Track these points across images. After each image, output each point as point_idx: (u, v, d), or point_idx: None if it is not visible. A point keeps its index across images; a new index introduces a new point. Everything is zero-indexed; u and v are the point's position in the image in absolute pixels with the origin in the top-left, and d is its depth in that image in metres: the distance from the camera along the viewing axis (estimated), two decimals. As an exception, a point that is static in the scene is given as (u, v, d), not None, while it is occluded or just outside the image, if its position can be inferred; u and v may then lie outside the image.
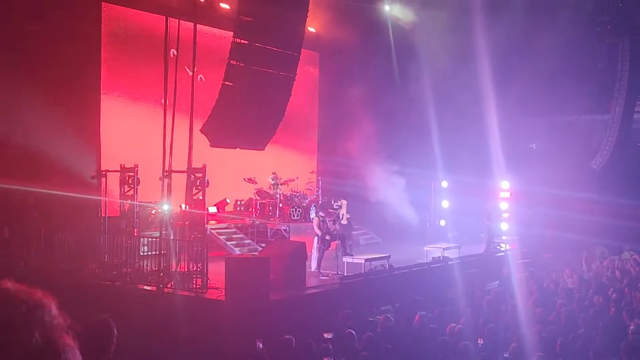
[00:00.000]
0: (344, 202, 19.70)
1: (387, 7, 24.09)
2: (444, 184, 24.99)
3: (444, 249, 19.63)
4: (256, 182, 21.49)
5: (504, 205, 23.74)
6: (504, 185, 23.87)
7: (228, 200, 21.38)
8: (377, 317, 12.77)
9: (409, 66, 23.92)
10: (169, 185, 14.96)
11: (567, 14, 22.69)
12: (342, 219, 19.10)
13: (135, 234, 16.08)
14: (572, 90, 24.66)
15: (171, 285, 14.15)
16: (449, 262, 18.25)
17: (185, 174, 14.83)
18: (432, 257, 19.14)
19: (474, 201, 23.02)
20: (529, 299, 13.65)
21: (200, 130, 14.46)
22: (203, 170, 14.90)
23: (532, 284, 15.62)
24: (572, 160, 23.83)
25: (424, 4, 23.27)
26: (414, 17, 24.19)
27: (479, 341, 10.36)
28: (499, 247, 21.50)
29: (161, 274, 14.42)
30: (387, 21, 24.48)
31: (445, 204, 25.06)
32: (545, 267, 19.04)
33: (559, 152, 24.03)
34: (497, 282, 17.37)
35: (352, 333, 10.65)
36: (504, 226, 23.22)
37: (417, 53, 24.03)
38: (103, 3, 19.40)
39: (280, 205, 21.37)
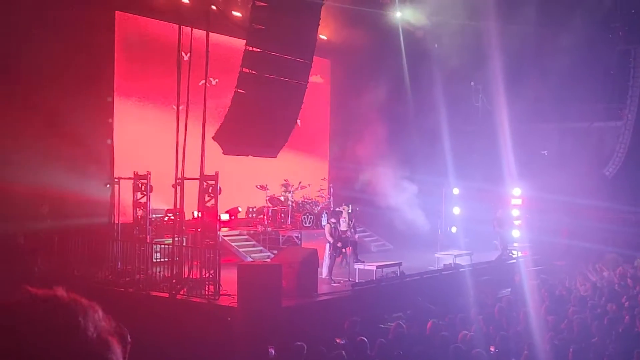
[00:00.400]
0: (345, 208, 19.58)
1: (398, 13, 24.14)
2: (456, 190, 24.97)
3: (456, 256, 19.61)
4: (268, 189, 21.56)
5: (515, 212, 23.70)
6: (516, 192, 23.83)
7: (240, 209, 21.46)
8: (389, 324, 12.78)
9: (421, 72, 23.96)
10: (182, 192, 15.03)
11: (579, 21, 22.66)
12: (341, 225, 19.03)
13: (148, 241, 16.17)
14: (584, 97, 24.61)
15: (184, 292, 14.21)
16: (461, 270, 18.22)
17: (198, 181, 14.91)
18: (444, 264, 19.12)
19: (485, 208, 22.99)
20: (541, 306, 13.62)
21: (212, 137, 14.54)
22: (215, 177, 14.97)
23: (544, 291, 15.58)
24: (584, 167, 23.76)
25: (436, 10, 23.28)
26: (425, 22, 24.20)
27: (491, 349, 10.35)
28: (510, 254, 21.45)
29: (174, 281, 14.49)
30: (398, 27, 24.52)
31: (456, 210, 25.03)
32: (557, 274, 18.98)
33: (570, 159, 23.97)
34: (509, 289, 17.34)
35: (364, 340, 10.67)
36: (516, 233, 23.17)
37: (428, 59, 24.07)
38: (116, 12, 19.56)
39: (293, 212, 21.43)
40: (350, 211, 19.61)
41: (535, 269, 18.98)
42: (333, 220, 17.90)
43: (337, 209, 20.52)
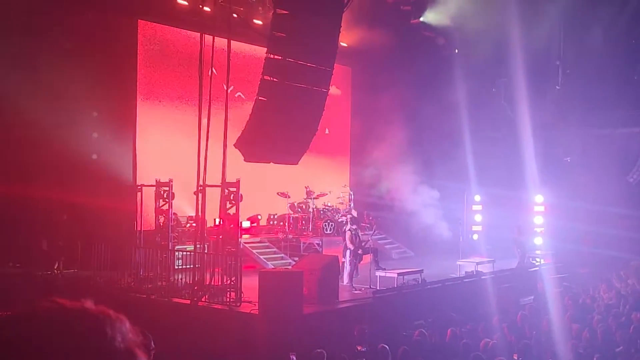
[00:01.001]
0: (349, 215, 19.38)
1: (419, 19, 24.10)
2: (477, 197, 24.83)
3: (477, 264, 19.48)
4: (289, 196, 21.61)
5: (538, 220, 23.50)
6: (538, 199, 23.63)
7: (260, 217, 21.53)
8: (410, 331, 12.73)
9: (442, 78, 23.88)
10: (203, 199, 15.11)
11: (603, 26, 22.47)
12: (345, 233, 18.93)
13: (170, 248, 16.27)
14: (608, 103, 24.35)
15: (205, 298, 14.27)
16: (483, 277, 18.10)
17: (220, 188, 14.99)
18: (465, 272, 19.01)
19: (507, 215, 22.83)
20: (564, 314, 13.49)
21: (234, 145, 14.61)
22: (237, 184, 15.04)
23: (567, 299, 15.43)
24: (607, 174, 23.49)
25: (458, 16, 23.21)
26: (448, 28, 24.12)
27: (514, 357, 10.27)
28: (533, 262, 21.27)
29: (195, 288, 14.56)
30: (419, 33, 24.48)
31: (478, 217, 24.89)
32: (580, 282, 18.78)
33: (594, 166, 23.72)
34: (532, 297, 17.19)
35: (385, 347, 10.64)
36: (538, 240, 22.96)
37: (450, 65, 24.00)
38: (139, 21, 19.76)
39: (314, 219, 21.45)
40: (355, 216, 19.32)
41: (558, 277, 18.80)
42: (354, 226, 17.87)
43: (340, 219, 20.49)
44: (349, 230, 17.59)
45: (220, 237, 15.40)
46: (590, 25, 22.84)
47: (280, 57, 14.47)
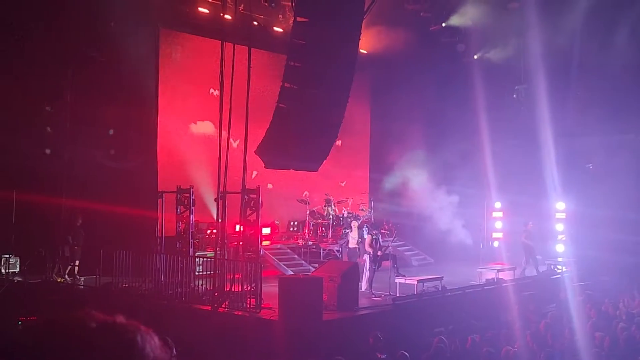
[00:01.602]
0: (355, 223, 19.33)
1: (440, 26, 24.04)
2: (498, 204, 24.68)
3: (498, 271, 19.36)
4: (309, 203, 21.64)
5: (559, 227, 23.32)
6: (560, 206, 23.45)
7: (277, 222, 21.57)
8: (431, 338, 12.68)
9: (462, 85, 23.81)
10: (224, 206, 15.19)
11: (626, 31, 22.28)
12: (350, 242, 18.95)
13: (191, 254, 16.36)
14: (630, 109, 24.11)
15: (226, 305, 14.32)
16: (503, 284, 17.98)
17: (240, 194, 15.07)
18: (486, 279, 18.90)
19: (528, 221, 22.65)
20: (586, 322, 13.36)
21: (254, 151, 14.67)
22: (257, 191, 15.11)
23: (589, 307, 15.28)
24: (629, 181, 23.25)
25: (478, 22, 23.13)
26: (468, 33, 24.03)
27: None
28: (555, 269, 21.12)
29: (216, 294, 14.62)
30: (438, 40, 24.42)
31: (498, 224, 24.74)
32: (603, 290, 18.57)
33: (616, 172, 23.48)
34: (554, 305, 17.04)
35: (405, 355, 10.61)
36: (560, 248, 22.78)
37: (470, 71, 23.93)
38: (161, 29, 19.94)
39: (334, 225, 21.47)
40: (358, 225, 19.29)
41: (581, 285, 18.62)
42: (375, 231, 17.86)
43: (344, 231, 20.51)
44: (370, 234, 17.58)
45: (241, 243, 15.45)
46: (612, 30, 22.65)
47: (300, 65, 14.53)
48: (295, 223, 22.16)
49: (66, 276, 17.28)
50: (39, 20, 16.97)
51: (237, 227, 15.95)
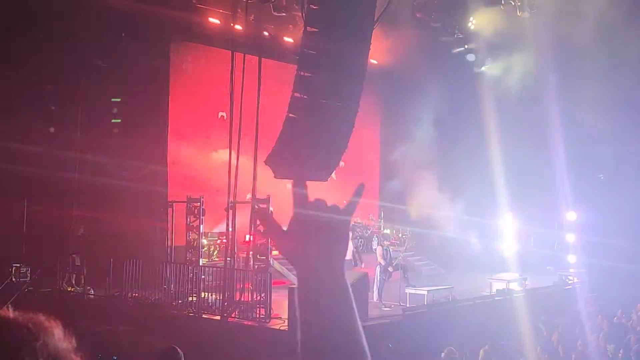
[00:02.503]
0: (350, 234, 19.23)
1: (450, 37, 24.05)
2: (509, 214, 24.57)
3: (509, 281, 19.24)
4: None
5: (571, 237, 23.22)
6: (571, 217, 23.33)
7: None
8: (441, 349, 12.59)
9: (473, 95, 23.78)
10: (234, 216, 15.20)
11: (635, 44, 22.20)
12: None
13: (201, 264, 16.36)
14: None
15: (235, 314, 14.31)
16: (515, 295, 17.87)
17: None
18: (497, 289, 18.79)
19: (539, 232, 22.57)
20: (599, 334, 13.25)
21: (264, 161, 14.68)
22: (267, 200, 15.11)
23: (601, 318, 15.15)
24: (641, 191, 23.12)
25: (488, 33, 23.10)
26: (478, 43, 24.01)
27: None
28: (567, 280, 20.99)
29: (225, 304, 14.60)
30: (449, 50, 24.42)
31: (509, 234, 24.61)
32: (615, 301, 18.42)
33: (627, 182, 23.35)
34: (565, 316, 16.91)
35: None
36: (572, 258, 22.67)
37: (480, 80, 23.90)
38: (172, 39, 20.02)
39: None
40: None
41: (593, 295, 18.49)
42: (387, 242, 17.82)
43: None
44: (380, 245, 17.54)
45: (251, 252, 15.45)
46: (624, 39, 22.57)
47: (310, 74, 14.53)
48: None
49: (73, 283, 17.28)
50: (51, 30, 17.07)
51: (247, 237, 15.94)
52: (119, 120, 18.18)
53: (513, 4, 21.14)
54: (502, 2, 20.80)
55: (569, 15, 21.91)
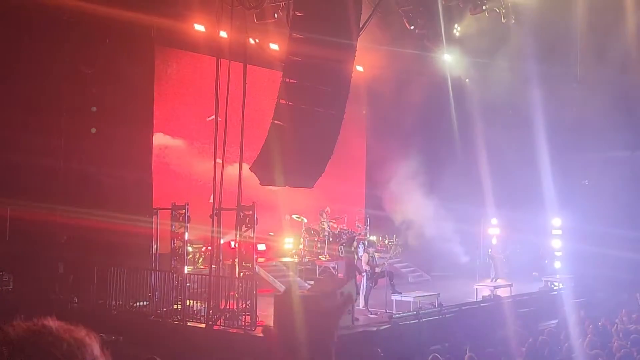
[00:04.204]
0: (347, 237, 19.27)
1: (438, 48, 24.14)
2: (494, 220, 24.65)
3: (495, 287, 19.30)
4: (304, 220, 21.57)
5: (556, 243, 23.32)
6: (556, 223, 23.44)
7: (272, 234, 21.42)
8: (426, 356, 12.59)
9: (460, 102, 23.89)
10: (219, 223, 15.13)
11: (619, 50, 22.41)
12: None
13: (185, 271, 16.27)
14: (626, 126, 24.17)
15: (221, 322, 14.23)
16: (500, 301, 17.92)
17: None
18: (483, 296, 18.84)
19: (525, 238, 22.66)
20: (583, 339, 13.29)
21: (249, 168, 14.66)
22: (252, 207, 15.06)
23: (587, 323, 15.21)
24: (626, 197, 23.28)
25: (472, 42, 23.23)
26: (462, 57, 24.14)
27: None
28: (552, 286, 21.07)
29: (210, 312, 14.52)
30: (434, 58, 24.50)
31: (495, 240, 24.68)
32: (600, 307, 18.51)
33: (612, 189, 23.50)
34: (550, 321, 16.98)
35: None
36: (557, 264, 22.76)
37: (465, 85, 23.98)
38: (156, 46, 19.94)
39: (329, 242, 21.38)
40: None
41: (577, 301, 18.57)
42: (371, 249, 17.81)
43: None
44: (366, 252, 17.53)
45: (236, 260, 15.38)
46: (608, 46, 22.78)
47: (295, 81, 14.55)
48: (291, 239, 22.06)
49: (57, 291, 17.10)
50: (37, 40, 16.95)
51: (232, 244, 15.87)
52: (97, 129, 18.00)
53: (497, 11, 21.26)
54: (487, 9, 20.89)
55: (552, 23, 22.11)
